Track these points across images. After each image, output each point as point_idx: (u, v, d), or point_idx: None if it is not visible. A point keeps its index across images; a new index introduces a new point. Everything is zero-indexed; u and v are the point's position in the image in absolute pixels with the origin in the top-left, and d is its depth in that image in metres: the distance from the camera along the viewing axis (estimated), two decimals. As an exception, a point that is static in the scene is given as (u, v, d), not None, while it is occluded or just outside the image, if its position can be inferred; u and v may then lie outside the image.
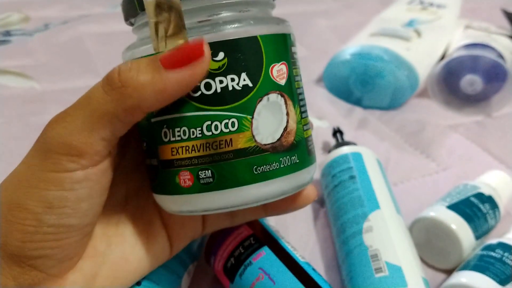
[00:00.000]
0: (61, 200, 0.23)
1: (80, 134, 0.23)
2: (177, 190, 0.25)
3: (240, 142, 0.24)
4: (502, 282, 0.33)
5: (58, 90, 0.63)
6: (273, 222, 0.43)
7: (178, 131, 0.25)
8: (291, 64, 0.27)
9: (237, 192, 0.25)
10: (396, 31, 0.64)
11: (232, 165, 0.24)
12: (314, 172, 0.29)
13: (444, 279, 0.37)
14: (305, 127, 0.27)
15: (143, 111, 0.23)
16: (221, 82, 0.24)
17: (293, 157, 0.26)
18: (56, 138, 0.23)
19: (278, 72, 0.25)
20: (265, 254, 0.33)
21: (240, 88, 0.24)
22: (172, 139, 0.25)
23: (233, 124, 0.24)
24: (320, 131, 0.56)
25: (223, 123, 0.24)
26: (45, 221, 0.23)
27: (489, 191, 0.41)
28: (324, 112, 0.60)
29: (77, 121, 0.23)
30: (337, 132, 0.51)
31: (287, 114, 0.26)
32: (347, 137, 0.55)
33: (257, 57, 0.25)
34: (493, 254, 0.35)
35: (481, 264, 0.35)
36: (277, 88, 0.25)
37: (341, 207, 0.40)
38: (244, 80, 0.24)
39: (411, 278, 0.33)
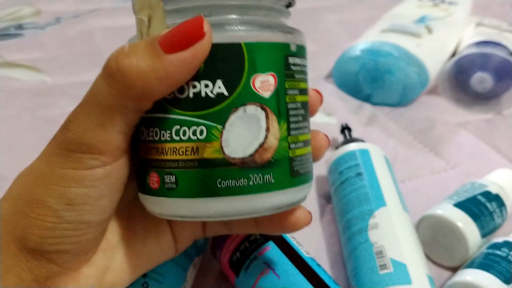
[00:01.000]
0: (82, 197, 0.23)
1: (95, 132, 0.22)
2: (148, 190, 0.25)
3: (207, 152, 0.23)
4: (506, 280, 0.33)
5: (69, 83, 0.64)
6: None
7: (151, 131, 0.24)
8: (285, 76, 0.24)
9: (200, 203, 0.24)
10: (406, 27, 0.64)
11: (196, 174, 0.23)
12: (301, 196, 0.26)
13: (449, 277, 0.37)
14: (293, 145, 0.25)
15: (150, 99, 0.23)
16: (194, 87, 0.23)
17: (267, 176, 0.24)
18: (73, 139, 0.22)
19: (262, 83, 0.23)
20: (270, 249, 0.33)
21: (213, 96, 0.23)
22: (146, 138, 0.24)
23: (201, 132, 0.23)
24: (328, 127, 0.56)
25: (191, 129, 0.23)
26: (65, 218, 0.23)
27: (497, 190, 0.41)
28: (333, 108, 0.60)
29: (89, 118, 0.22)
30: (345, 129, 0.51)
31: (267, 129, 0.24)
32: (355, 133, 0.55)
33: (238, 65, 0.23)
34: (498, 252, 0.35)
35: (486, 263, 0.35)
36: (258, 100, 0.23)
37: (347, 203, 0.40)
38: (219, 87, 0.23)
39: (415, 275, 0.33)
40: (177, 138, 0.23)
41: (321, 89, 0.66)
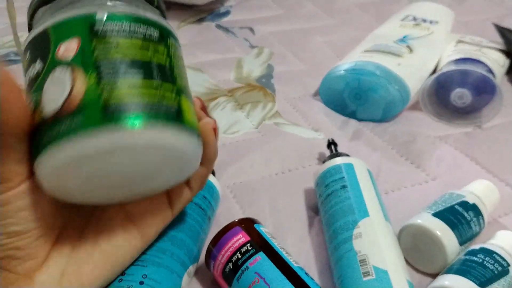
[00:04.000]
0: (1, 215, 0.26)
1: None
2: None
3: (37, 119, 0.27)
4: (482, 284, 0.35)
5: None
6: (270, 229, 0.46)
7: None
8: (93, 35, 0.28)
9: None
10: (388, 47, 0.67)
11: (33, 140, 0.27)
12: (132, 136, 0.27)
13: (430, 283, 0.39)
14: (108, 88, 0.27)
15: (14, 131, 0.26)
16: (30, 71, 0.28)
17: (76, 119, 0.26)
18: None
19: (66, 48, 0.27)
20: (260, 259, 0.35)
21: (36, 72, 0.27)
22: None
23: (35, 104, 0.27)
24: (316, 142, 0.59)
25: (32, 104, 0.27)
26: None
27: (474, 199, 0.43)
28: (320, 124, 0.63)
29: None
30: (331, 144, 0.53)
31: (73, 81, 0.26)
32: (341, 147, 0.57)
33: (46, 43, 0.28)
34: (474, 258, 0.38)
35: (463, 268, 0.37)
36: (62, 63, 0.27)
37: (333, 214, 0.42)
38: (38, 65, 0.28)
39: (396, 281, 0.35)
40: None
41: (309, 106, 0.68)
